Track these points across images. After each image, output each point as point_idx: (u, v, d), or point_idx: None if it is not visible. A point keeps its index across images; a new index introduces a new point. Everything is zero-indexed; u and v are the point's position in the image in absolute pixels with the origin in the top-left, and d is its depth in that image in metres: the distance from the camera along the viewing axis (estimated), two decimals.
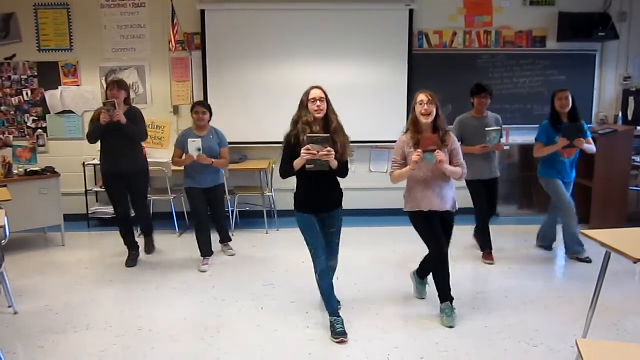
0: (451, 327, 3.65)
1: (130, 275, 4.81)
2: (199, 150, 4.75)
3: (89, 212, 6.44)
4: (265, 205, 6.33)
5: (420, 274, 4.12)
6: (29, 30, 6.45)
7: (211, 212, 5.20)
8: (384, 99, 6.57)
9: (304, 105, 3.58)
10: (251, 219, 6.55)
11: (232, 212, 6.20)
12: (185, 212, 6.37)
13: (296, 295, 4.16)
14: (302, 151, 3.37)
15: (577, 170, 5.07)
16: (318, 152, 3.36)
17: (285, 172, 3.59)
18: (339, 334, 3.48)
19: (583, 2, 6.58)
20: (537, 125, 5.10)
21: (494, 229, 5.13)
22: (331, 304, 3.63)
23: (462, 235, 5.46)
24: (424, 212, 3.75)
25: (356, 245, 5.61)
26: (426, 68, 6.52)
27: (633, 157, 6.04)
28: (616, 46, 6.78)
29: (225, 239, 5.45)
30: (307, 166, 3.41)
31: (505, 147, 6.69)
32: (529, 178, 6.56)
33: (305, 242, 3.64)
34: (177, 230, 6.14)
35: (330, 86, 6.30)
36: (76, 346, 3.44)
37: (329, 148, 3.37)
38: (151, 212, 6.51)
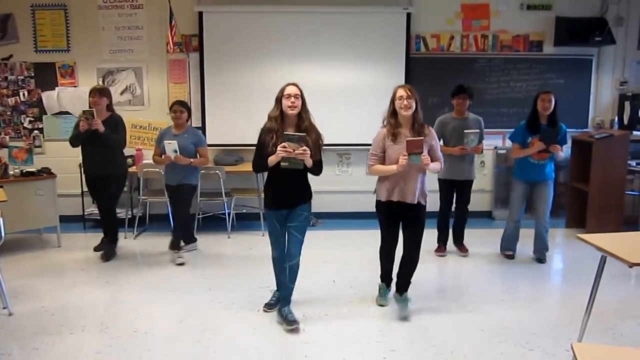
0: (381, 305, 4.06)
1: (126, 276, 4.80)
2: (176, 151, 4.97)
3: (85, 213, 6.42)
4: (262, 207, 6.31)
5: (400, 286, 4.03)
6: (26, 30, 6.44)
7: (173, 212, 5.35)
8: (381, 102, 6.48)
9: (277, 100, 3.64)
10: (247, 221, 6.54)
11: (229, 214, 6.19)
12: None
13: (292, 297, 4.15)
14: (278, 148, 3.43)
15: (572, 174, 5.11)
16: (293, 150, 3.41)
17: (259, 167, 3.67)
18: (267, 304, 3.97)
19: (580, 7, 6.61)
20: None
21: (489, 233, 5.18)
22: (278, 283, 3.88)
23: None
24: (392, 203, 3.83)
25: (352, 247, 5.62)
26: (423, 71, 6.54)
27: (629, 162, 6.07)
28: (612, 51, 6.81)
29: (175, 245, 5.22)
30: (282, 163, 3.46)
31: (501, 151, 6.72)
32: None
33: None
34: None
35: (327, 89, 6.45)
36: (71, 348, 3.43)
37: (304, 147, 3.43)
38: (147, 213, 6.52)
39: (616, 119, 6.80)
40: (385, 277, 4.13)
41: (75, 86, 6.55)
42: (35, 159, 5.85)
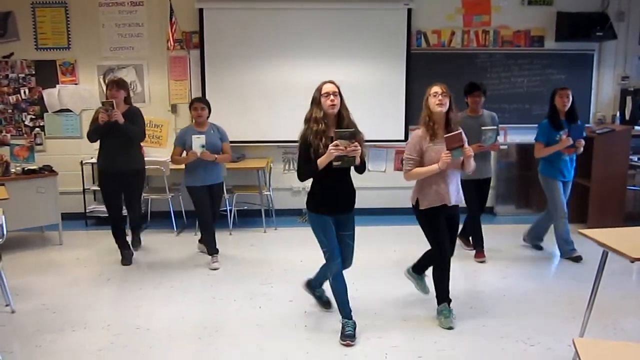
0: (450, 328, 3.64)
1: (128, 274, 4.81)
2: (203, 146, 4.73)
3: (87, 210, 6.43)
4: (263, 204, 6.33)
5: (418, 270, 4.08)
6: (27, 28, 6.44)
7: (210, 211, 5.18)
8: (382, 98, 6.57)
9: (316, 101, 3.45)
10: (249, 217, 6.55)
11: (230, 211, 6.20)
12: (183, 211, 6.35)
13: (294, 295, 4.16)
14: (331, 147, 3.25)
15: (575, 170, 5.09)
16: (345, 147, 3.27)
17: (309, 172, 3.43)
18: (347, 336, 3.43)
19: (581, 2, 6.58)
20: (535, 125, 5.11)
21: (491, 228, 5.16)
22: (344, 307, 3.55)
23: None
24: (435, 209, 3.66)
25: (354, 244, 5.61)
26: (424, 67, 6.51)
27: (630, 157, 6.06)
28: (614, 46, 6.78)
29: (214, 249, 5.12)
30: (335, 163, 3.29)
31: (503, 147, 6.71)
32: (527, 177, 6.59)
33: (319, 244, 3.55)
34: (175, 229, 6.14)
35: None
36: (74, 345, 3.44)
37: (355, 143, 3.29)
38: (149, 210, 6.54)
39: (618, 114, 6.79)
40: (446, 297, 3.74)
41: (76, 84, 6.55)
42: (37, 156, 5.87)
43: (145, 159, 5.33)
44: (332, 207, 3.52)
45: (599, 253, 3.19)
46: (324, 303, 3.92)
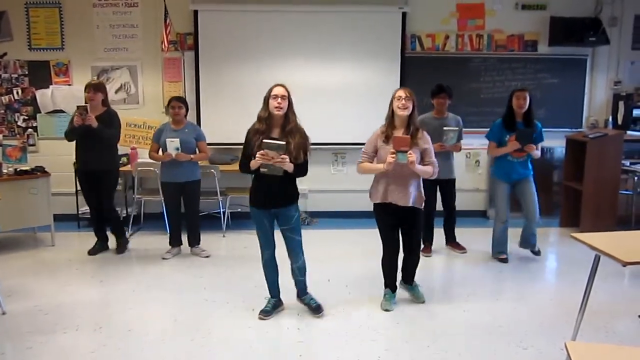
0: (387, 310, 3.94)
1: (121, 275, 4.79)
2: (178, 149, 4.97)
3: (79, 212, 6.40)
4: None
5: (406, 280, 4.20)
6: (20, 28, 6.41)
7: (185, 209, 5.30)
8: (376, 101, 6.52)
9: (265, 101, 3.68)
10: (242, 220, 6.53)
11: (224, 213, 6.19)
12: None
13: (287, 297, 4.15)
14: (257, 155, 3.47)
15: (566, 173, 5.12)
16: (272, 157, 3.45)
17: (244, 168, 3.68)
18: (263, 311, 3.84)
19: (574, 7, 6.63)
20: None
21: (484, 232, 5.17)
22: (271, 288, 3.96)
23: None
24: (388, 206, 3.84)
25: (347, 246, 5.62)
26: (418, 71, 6.53)
27: (623, 161, 6.09)
28: (607, 51, 6.83)
29: (194, 242, 5.41)
30: (261, 169, 3.51)
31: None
32: None
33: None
34: (168, 231, 6.10)
35: (323, 88, 6.46)
36: (65, 347, 3.42)
37: (283, 155, 3.46)
38: (142, 212, 6.51)
39: (610, 118, 6.83)
40: (390, 284, 4.08)
41: (69, 84, 6.52)
42: (29, 157, 5.82)
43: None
44: (265, 202, 3.70)
45: (591, 257, 3.21)
46: (314, 309, 3.91)
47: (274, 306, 3.92)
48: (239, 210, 6.57)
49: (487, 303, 4.16)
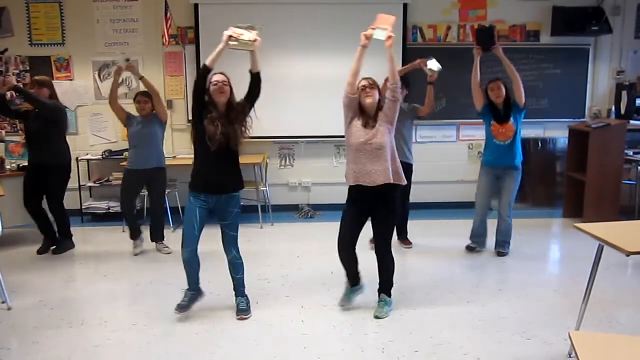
0: (342, 306, 3.83)
1: (124, 270, 4.81)
2: (128, 60, 5.06)
3: (83, 207, 6.42)
4: (260, 200, 6.33)
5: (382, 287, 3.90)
6: (21, 24, 6.41)
7: (149, 201, 5.32)
8: None
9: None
10: (245, 213, 6.48)
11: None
12: (179, 207, 6.33)
13: (290, 290, 4.16)
14: (225, 32, 3.48)
15: (569, 164, 5.10)
16: (242, 34, 3.46)
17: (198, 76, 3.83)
18: (179, 306, 3.73)
19: None
20: (530, 119, 5.13)
21: (488, 223, 5.14)
22: (189, 281, 3.80)
23: (459, 229, 5.50)
24: (361, 188, 3.65)
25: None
26: None
27: (626, 151, 6.08)
28: (609, 40, 6.80)
29: (157, 237, 5.35)
30: (231, 43, 3.47)
31: None
32: (522, 172, 6.58)
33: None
34: (171, 225, 6.13)
35: (324, 80, 6.44)
36: (71, 341, 3.44)
37: (254, 32, 3.49)
38: (144, 206, 6.51)
39: (613, 108, 6.80)
40: (348, 276, 3.84)
41: (70, 79, 6.53)
42: None
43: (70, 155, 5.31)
44: (204, 186, 3.61)
45: (594, 247, 3.20)
46: (238, 310, 3.81)
47: (191, 299, 3.81)
48: (242, 203, 6.53)
49: (491, 294, 4.16)
